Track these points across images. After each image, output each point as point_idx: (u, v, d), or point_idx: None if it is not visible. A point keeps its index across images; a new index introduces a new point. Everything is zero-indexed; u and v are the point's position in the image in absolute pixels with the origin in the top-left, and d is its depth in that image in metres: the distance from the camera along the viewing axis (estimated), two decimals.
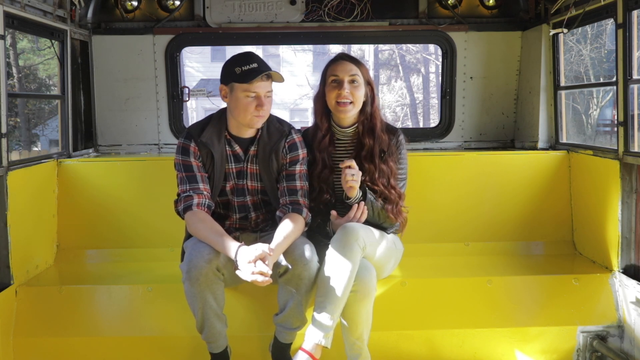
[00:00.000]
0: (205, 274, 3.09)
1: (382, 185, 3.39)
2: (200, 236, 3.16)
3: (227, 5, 5.19)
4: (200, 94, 6.77)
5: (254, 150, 3.37)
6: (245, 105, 3.20)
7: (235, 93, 3.22)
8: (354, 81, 3.39)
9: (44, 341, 3.60)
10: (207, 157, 3.31)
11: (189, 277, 3.10)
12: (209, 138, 3.30)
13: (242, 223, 3.50)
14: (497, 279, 3.81)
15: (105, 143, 5.30)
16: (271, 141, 3.36)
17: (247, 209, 3.46)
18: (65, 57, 4.63)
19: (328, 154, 3.49)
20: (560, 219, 4.43)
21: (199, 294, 3.12)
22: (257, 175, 3.41)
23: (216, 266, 3.12)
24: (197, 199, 3.22)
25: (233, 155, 3.37)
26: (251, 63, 3.19)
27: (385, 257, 3.43)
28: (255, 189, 3.43)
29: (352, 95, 3.38)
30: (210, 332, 3.23)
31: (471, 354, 3.68)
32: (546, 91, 4.86)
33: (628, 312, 3.67)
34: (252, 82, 3.16)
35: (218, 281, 3.16)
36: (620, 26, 3.73)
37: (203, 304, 3.15)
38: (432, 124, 18.47)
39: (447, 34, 5.24)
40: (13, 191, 3.66)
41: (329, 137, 3.50)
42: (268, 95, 3.24)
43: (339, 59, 3.47)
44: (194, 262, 3.09)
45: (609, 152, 3.93)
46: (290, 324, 3.26)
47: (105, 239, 4.35)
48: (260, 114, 3.21)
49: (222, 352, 3.32)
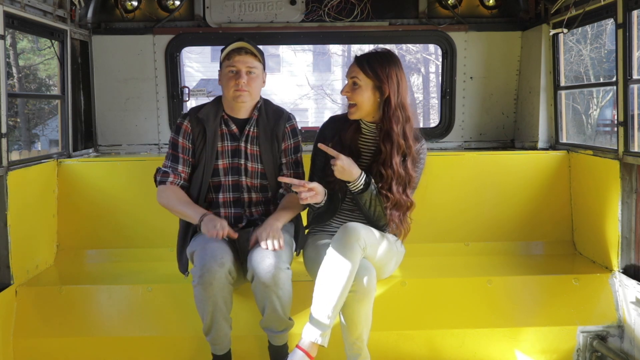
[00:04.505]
0: (218, 278, 3.08)
1: (397, 194, 3.33)
2: (168, 205, 3.37)
3: (227, 5, 5.19)
4: (200, 94, 6.77)
5: (255, 131, 3.43)
6: (227, 79, 3.35)
7: (222, 71, 3.40)
8: (354, 83, 3.35)
9: (44, 341, 3.60)
10: (200, 134, 3.41)
11: (201, 282, 3.08)
12: (205, 115, 3.43)
13: (236, 210, 3.46)
14: (497, 279, 3.81)
15: (105, 143, 5.30)
16: (271, 122, 3.45)
17: (241, 189, 3.45)
18: (65, 57, 4.63)
19: (354, 140, 3.45)
20: (560, 219, 4.43)
21: (210, 298, 3.11)
22: (257, 157, 3.44)
23: (228, 269, 3.11)
24: (172, 178, 3.42)
25: (229, 134, 3.44)
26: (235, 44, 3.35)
27: (385, 257, 3.43)
28: (255, 171, 3.45)
29: (352, 97, 3.34)
30: (216, 334, 3.23)
31: (471, 354, 3.68)
32: (546, 91, 4.86)
33: (628, 312, 3.67)
34: (231, 58, 3.33)
35: (229, 285, 3.15)
36: (620, 26, 3.73)
37: (214, 308, 3.13)
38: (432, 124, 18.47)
39: (447, 34, 5.24)
40: (13, 191, 3.66)
41: (356, 125, 3.47)
42: (249, 72, 3.34)
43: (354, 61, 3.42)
44: (207, 266, 3.08)
45: (609, 152, 3.93)
46: (275, 328, 3.26)
47: (105, 239, 4.35)
48: (239, 87, 3.32)
49: (225, 354, 3.33)
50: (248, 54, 3.33)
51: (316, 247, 3.42)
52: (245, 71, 3.32)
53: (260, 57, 3.40)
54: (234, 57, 3.32)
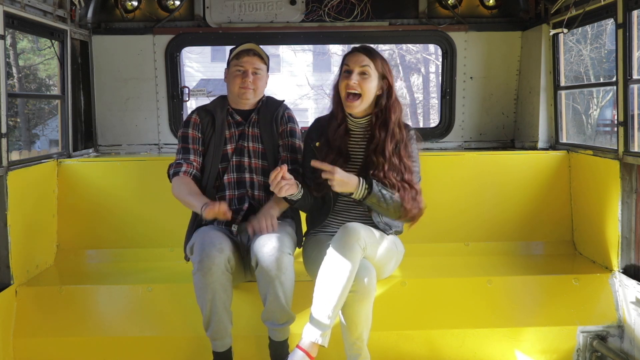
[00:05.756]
0: (217, 264, 3.15)
1: (394, 179, 3.34)
2: (180, 196, 3.48)
3: (227, 5, 5.19)
4: (200, 94, 6.76)
5: (255, 117, 3.65)
6: (234, 77, 3.58)
7: (230, 69, 3.63)
8: (364, 73, 3.35)
9: (44, 341, 3.60)
10: (209, 123, 3.63)
11: (201, 268, 3.14)
12: (213, 107, 3.67)
13: (240, 191, 3.57)
14: (497, 279, 3.81)
15: (105, 143, 5.30)
16: (270, 110, 3.68)
17: (243, 169, 3.59)
18: (65, 57, 4.63)
19: (344, 142, 3.47)
20: (560, 219, 4.43)
21: (209, 285, 3.15)
22: (258, 137, 3.63)
23: (227, 257, 3.19)
24: (186, 167, 3.55)
25: (235, 123, 3.65)
26: (245, 45, 3.60)
27: (385, 257, 3.43)
28: (256, 151, 3.61)
29: (360, 87, 3.34)
30: (217, 327, 3.24)
31: (471, 354, 3.68)
32: (546, 91, 4.86)
33: (628, 312, 3.67)
34: (240, 58, 3.56)
35: (227, 273, 3.21)
36: (620, 26, 3.73)
37: (213, 296, 3.17)
38: (432, 124, 18.46)
39: (447, 34, 5.24)
40: (13, 191, 3.66)
41: (344, 126, 3.49)
42: (256, 72, 3.57)
43: (354, 50, 3.44)
44: (206, 251, 3.16)
45: (609, 152, 3.94)
46: (276, 320, 3.27)
47: (105, 239, 4.35)
48: (245, 85, 3.54)
49: (226, 351, 3.32)
50: (256, 55, 3.57)
51: (316, 247, 3.42)
52: (251, 71, 3.55)
53: (266, 60, 3.65)
54: (242, 57, 3.55)
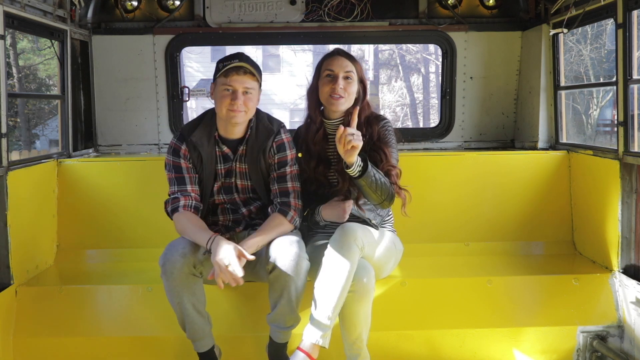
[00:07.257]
0: (179, 268, 3.12)
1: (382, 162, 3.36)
2: (186, 234, 3.23)
3: (227, 5, 5.19)
4: (200, 94, 6.76)
5: (243, 149, 3.39)
6: (221, 98, 3.25)
7: (217, 87, 3.29)
8: (348, 77, 3.41)
9: (44, 341, 3.60)
10: (197, 159, 3.37)
11: (164, 272, 3.14)
12: (199, 139, 3.35)
13: (236, 217, 3.49)
14: (497, 279, 3.81)
15: (105, 143, 5.30)
16: (259, 141, 3.37)
17: (237, 205, 3.47)
18: (65, 57, 4.63)
19: (322, 147, 3.50)
20: (560, 219, 4.43)
21: (175, 289, 3.15)
22: (246, 174, 3.42)
23: (192, 262, 3.15)
24: (184, 201, 3.30)
25: (222, 155, 3.40)
26: (234, 60, 3.25)
27: (384, 257, 3.43)
28: (245, 187, 3.45)
29: (345, 91, 3.40)
30: (191, 329, 3.24)
31: (471, 354, 3.68)
32: (546, 91, 4.86)
33: (628, 312, 3.67)
34: (229, 76, 3.23)
35: (194, 277, 3.19)
36: (620, 26, 3.73)
37: (180, 299, 3.17)
38: (432, 124, 18.47)
39: (447, 34, 5.24)
40: (13, 191, 3.66)
41: (322, 130, 3.52)
42: (246, 92, 3.25)
43: (335, 54, 3.48)
44: (167, 256, 3.14)
45: (609, 152, 3.93)
46: (283, 323, 3.25)
47: (105, 239, 4.35)
48: (234, 108, 3.22)
49: (207, 351, 3.32)
50: (247, 73, 3.25)
51: (314, 248, 3.42)
52: (241, 91, 3.24)
53: (258, 76, 3.33)
54: (231, 75, 3.22)
